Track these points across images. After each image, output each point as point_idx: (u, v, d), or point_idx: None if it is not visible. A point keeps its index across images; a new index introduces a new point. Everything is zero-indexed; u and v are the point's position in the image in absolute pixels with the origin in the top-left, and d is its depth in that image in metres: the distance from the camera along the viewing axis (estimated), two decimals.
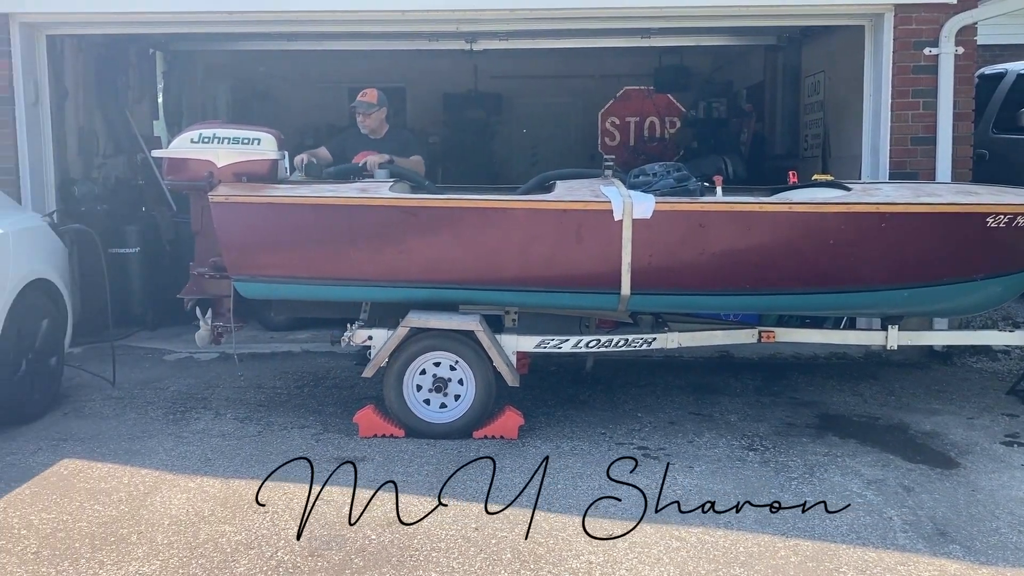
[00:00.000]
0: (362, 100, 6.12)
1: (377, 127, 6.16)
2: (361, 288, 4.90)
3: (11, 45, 6.49)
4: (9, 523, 3.70)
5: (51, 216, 5.95)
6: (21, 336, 4.94)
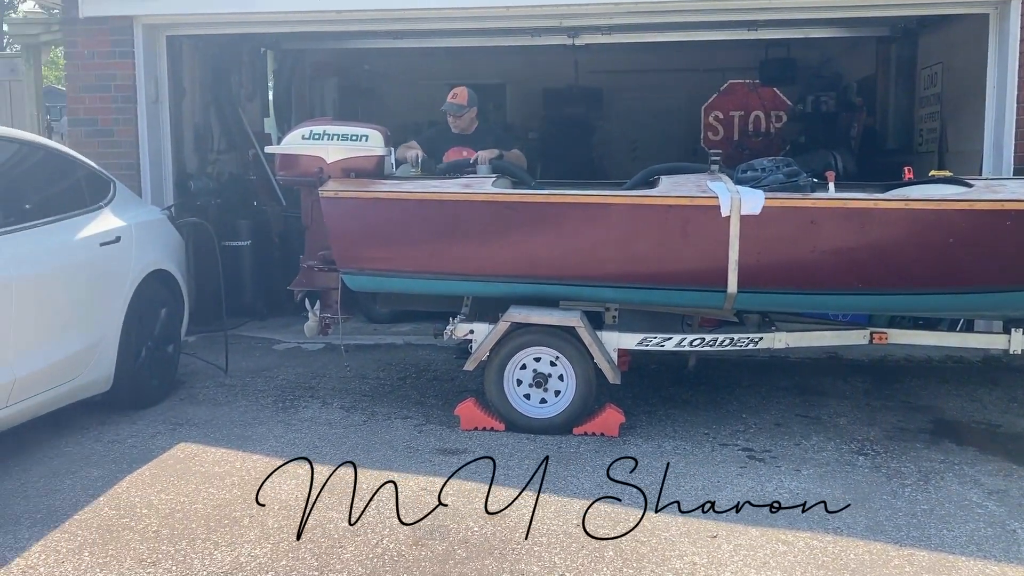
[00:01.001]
0: (452, 102, 6.14)
1: (467, 125, 6.19)
2: (463, 282, 4.95)
3: (134, 46, 6.82)
4: (132, 502, 3.88)
5: (170, 210, 6.22)
6: (142, 324, 5.17)
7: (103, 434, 4.74)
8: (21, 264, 4.23)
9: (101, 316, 4.83)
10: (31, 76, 8.19)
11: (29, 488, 4.00)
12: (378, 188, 4.97)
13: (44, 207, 4.65)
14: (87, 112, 6.91)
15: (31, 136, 5.13)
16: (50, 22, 7.85)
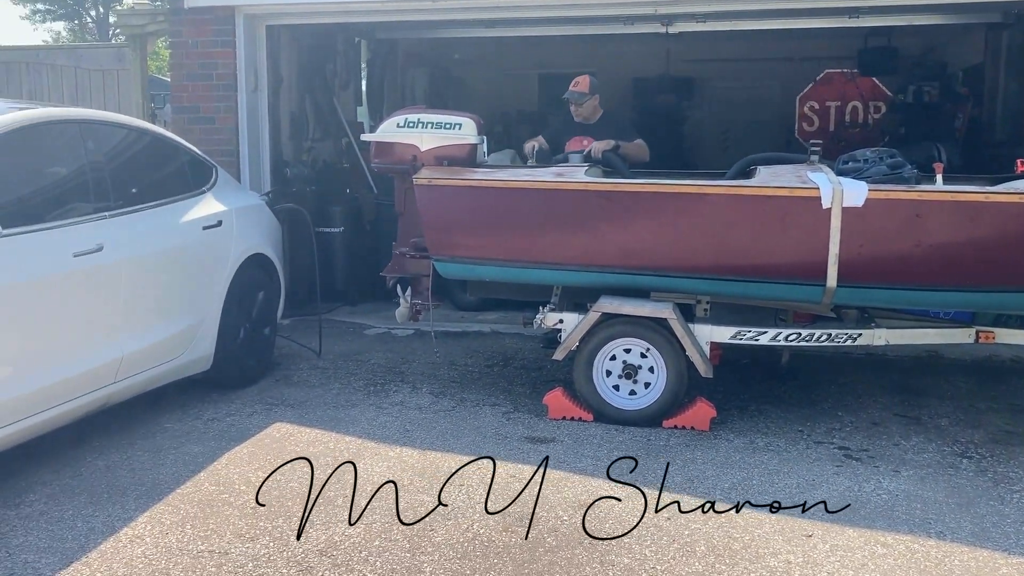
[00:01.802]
0: (574, 90, 6.10)
1: (590, 114, 6.14)
2: (553, 271, 4.94)
3: (235, 36, 7.00)
4: (231, 478, 4.00)
5: (268, 196, 6.37)
6: (241, 306, 5.32)
7: (203, 412, 4.90)
8: (130, 246, 4.40)
9: (203, 298, 4.99)
10: (137, 65, 8.50)
11: (135, 462, 4.17)
12: (470, 176, 5.00)
13: (151, 191, 4.81)
14: (190, 100, 7.14)
15: (140, 122, 5.32)
16: (155, 13, 8.15)
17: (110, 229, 4.30)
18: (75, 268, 4.02)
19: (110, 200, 4.40)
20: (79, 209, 4.24)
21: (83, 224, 4.18)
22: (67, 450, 4.23)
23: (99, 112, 4.97)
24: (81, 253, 4.06)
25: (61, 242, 4.00)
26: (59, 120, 4.40)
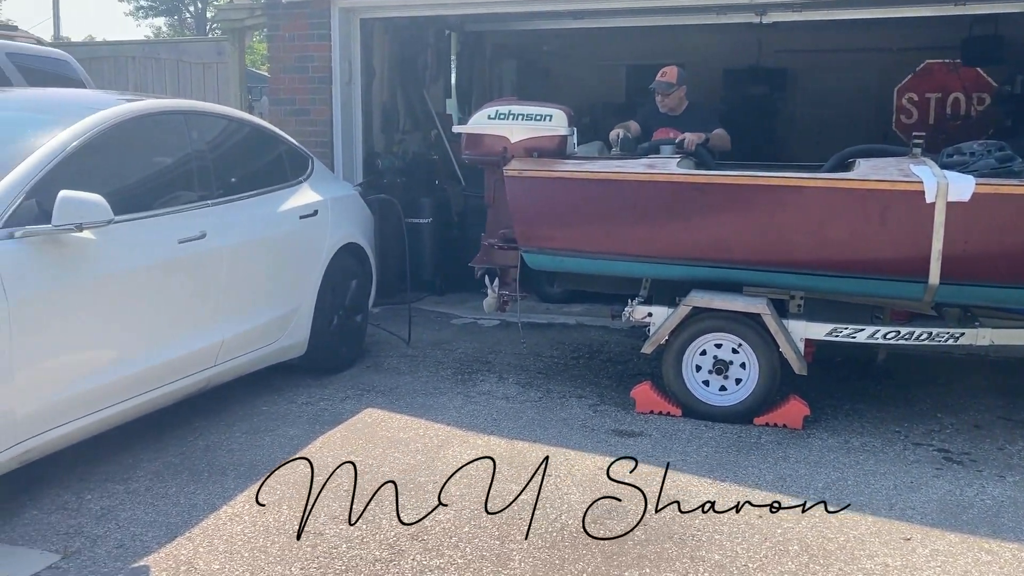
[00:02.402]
0: (661, 80, 6.05)
1: (676, 105, 6.08)
2: (643, 264, 4.90)
3: (331, 29, 7.15)
4: (325, 461, 4.10)
5: (361, 186, 6.49)
6: (334, 293, 5.44)
7: (297, 396, 5.03)
8: (231, 234, 4.53)
9: (299, 285, 5.12)
10: (235, 58, 8.76)
11: (233, 442, 4.31)
12: (560, 167, 5.00)
13: (251, 181, 4.95)
14: (286, 92, 7.32)
15: (240, 113, 5.48)
16: (253, 7, 8.37)
17: (212, 217, 4.44)
18: (180, 254, 4.17)
19: (212, 189, 4.55)
20: (183, 197, 4.40)
21: (187, 212, 4.33)
22: (171, 430, 4.39)
23: (203, 103, 5.14)
24: (186, 240, 4.21)
25: (167, 229, 4.15)
26: (166, 111, 4.56)
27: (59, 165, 3.68)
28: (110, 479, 3.81)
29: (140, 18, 39.11)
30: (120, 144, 4.14)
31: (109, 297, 3.75)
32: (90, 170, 3.85)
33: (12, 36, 7.81)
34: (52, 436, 3.50)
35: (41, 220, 3.45)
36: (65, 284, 3.53)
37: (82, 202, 3.49)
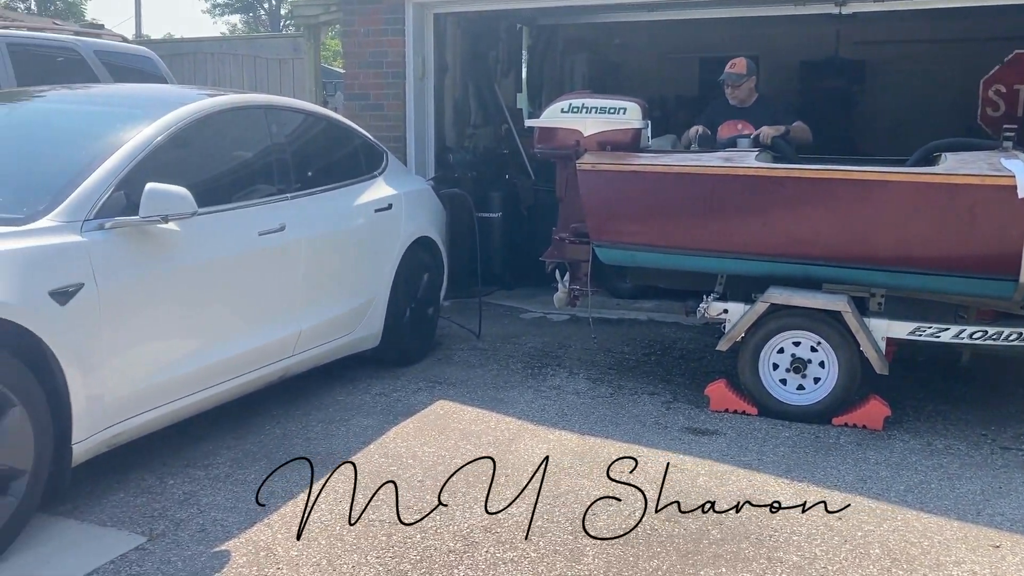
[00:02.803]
0: (731, 71, 5.95)
1: (746, 96, 5.97)
2: (719, 259, 4.83)
3: (405, 24, 7.20)
4: (398, 452, 4.14)
5: (433, 180, 6.54)
6: (407, 287, 5.48)
7: (371, 387, 5.09)
8: (309, 226, 4.60)
9: (373, 277, 5.18)
10: (311, 54, 8.90)
11: (310, 431, 4.38)
12: (634, 161, 4.95)
13: (328, 174, 5.03)
14: (361, 87, 7.41)
15: (318, 108, 5.56)
16: (328, 3, 8.47)
17: (291, 210, 4.52)
18: (260, 246, 4.25)
19: (291, 182, 4.63)
20: (263, 190, 4.48)
21: (267, 204, 4.41)
22: (249, 418, 4.49)
23: (282, 98, 5.23)
24: (266, 232, 4.28)
25: (248, 221, 4.23)
26: (247, 106, 4.65)
27: (146, 158, 3.78)
28: (191, 465, 3.91)
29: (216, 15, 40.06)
30: (203, 138, 4.24)
31: (192, 287, 3.85)
32: (174, 163, 3.95)
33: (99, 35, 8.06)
34: (138, 422, 3.60)
35: (129, 212, 3.55)
36: (151, 274, 3.62)
37: (168, 194, 3.58)
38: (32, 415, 3.05)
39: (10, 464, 3.00)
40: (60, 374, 3.17)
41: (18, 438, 3.01)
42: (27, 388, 3.04)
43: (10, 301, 2.98)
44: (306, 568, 3.07)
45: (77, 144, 3.89)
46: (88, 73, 6.94)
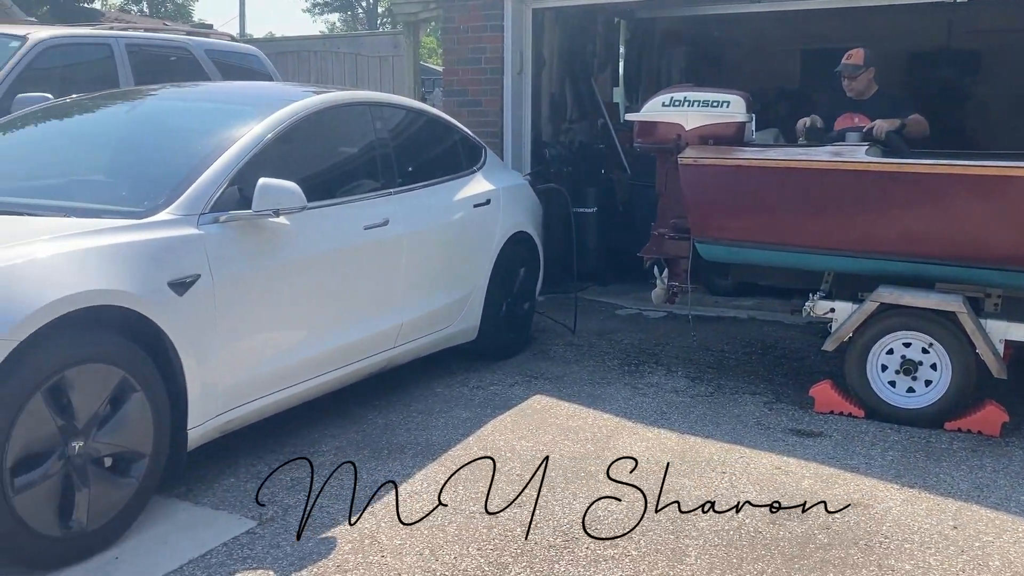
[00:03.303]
0: (847, 63, 5.75)
1: (864, 89, 5.77)
2: (826, 257, 4.69)
3: (504, 20, 7.23)
4: (496, 444, 4.16)
5: (530, 176, 6.55)
6: (504, 281, 5.51)
7: (468, 380, 5.13)
8: (411, 221, 4.66)
9: (472, 272, 5.22)
10: (410, 51, 9.03)
11: (410, 422, 4.45)
12: (738, 155, 4.85)
13: (429, 170, 5.08)
14: (459, 83, 7.47)
15: (420, 104, 5.64)
16: (428, 0, 8.58)
17: (394, 205, 4.59)
18: (365, 240, 4.33)
19: (394, 177, 4.70)
20: (368, 185, 4.57)
21: (372, 199, 4.49)
22: (351, 408, 4.58)
23: (385, 95, 5.32)
24: (370, 226, 4.36)
25: (354, 216, 4.32)
26: (352, 103, 4.75)
27: (258, 154, 3.89)
28: (298, 452, 4.01)
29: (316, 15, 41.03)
30: (311, 134, 4.34)
31: (301, 280, 3.94)
32: (284, 158, 4.06)
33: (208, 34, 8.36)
34: (248, 409, 3.72)
35: (242, 206, 3.66)
36: (262, 266, 3.73)
37: (279, 189, 3.67)
38: (152, 401, 3.18)
39: (132, 447, 3.14)
40: (177, 362, 3.29)
41: (139, 423, 3.15)
42: (147, 375, 3.17)
43: (133, 291, 3.11)
44: (409, 557, 3.12)
45: (193, 140, 4.04)
46: (199, 71, 7.20)
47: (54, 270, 2.94)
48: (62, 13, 21.62)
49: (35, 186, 3.95)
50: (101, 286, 3.02)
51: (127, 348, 3.11)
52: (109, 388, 3.04)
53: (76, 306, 2.91)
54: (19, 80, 5.92)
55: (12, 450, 2.75)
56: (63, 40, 6.42)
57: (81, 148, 4.31)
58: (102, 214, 3.41)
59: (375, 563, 3.07)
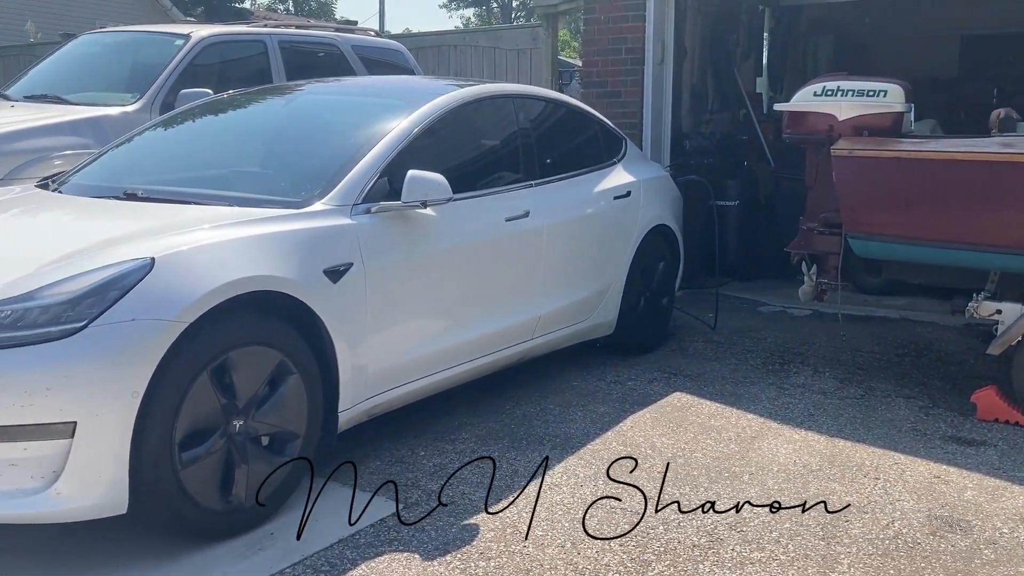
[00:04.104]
0: None
1: None
2: (992, 255, 4.40)
3: (646, 10, 7.12)
4: (636, 441, 4.11)
5: (670, 168, 6.43)
6: (643, 275, 5.43)
7: (605, 374, 5.09)
8: (550, 213, 4.65)
9: (610, 265, 5.17)
10: (548, 43, 9.02)
11: (547, 415, 4.45)
12: (897, 147, 4.61)
13: (570, 161, 5.06)
14: (599, 75, 7.41)
15: (562, 96, 5.61)
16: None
17: (535, 196, 4.59)
18: (506, 232, 4.35)
19: (535, 169, 4.70)
20: (509, 177, 4.58)
21: (513, 191, 4.51)
22: (489, 398, 4.62)
23: (527, 87, 5.33)
24: (512, 218, 4.38)
25: (496, 207, 4.35)
26: (495, 95, 4.78)
27: (406, 147, 3.97)
28: (440, 439, 4.08)
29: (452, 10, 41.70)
30: (456, 127, 4.40)
31: (446, 269, 4.00)
32: (431, 151, 4.12)
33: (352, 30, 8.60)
34: (395, 394, 3.81)
35: (391, 197, 3.74)
36: (409, 256, 3.80)
37: (427, 181, 3.73)
38: (307, 383, 3.29)
39: (287, 427, 3.26)
40: (330, 346, 3.40)
41: (294, 404, 3.26)
42: (303, 358, 3.29)
43: (291, 277, 3.23)
44: (551, 549, 3.11)
45: (345, 133, 4.16)
46: (346, 67, 7.43)
47: (219, 257, 3.08)
48: (216, 13, 22.79)
49: (198, 176, 4.15)
50: (263, 272, 3.14)
51: (285, 332, 3.23)
52: (268, 370, 3.16)
53: (239, 291, 3.05)
54: (183, 76, 6.27)
55: (180, 426, 2.90)
56: (222, 38, 6.75)
57: (240, 141, 4.51)
58: (261, 204, 3.55)
59: (517, 552, 3.08)
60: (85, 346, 2.74)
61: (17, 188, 4.41)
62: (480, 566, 2.99)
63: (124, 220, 3.47)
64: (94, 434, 2.73)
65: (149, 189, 3.80)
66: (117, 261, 2.92)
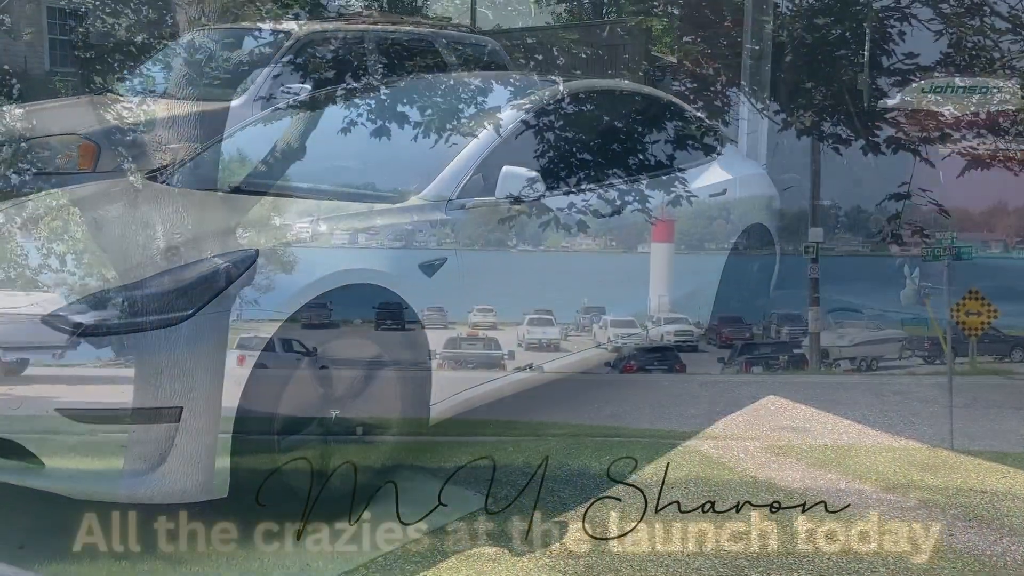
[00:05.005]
0: None
1: None
2: None
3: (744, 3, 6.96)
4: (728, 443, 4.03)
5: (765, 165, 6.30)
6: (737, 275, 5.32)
7: (694, 375, 5.02)
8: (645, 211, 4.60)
9: (704, 264, 5.09)
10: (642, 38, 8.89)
11: (638, 414, 4.40)
12: None
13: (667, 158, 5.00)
14: None
15: (658, 92, 5.56)
16: None
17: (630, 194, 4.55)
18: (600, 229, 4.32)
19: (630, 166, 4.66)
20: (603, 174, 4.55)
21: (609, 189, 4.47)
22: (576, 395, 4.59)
23: (622, 82, 5.30)
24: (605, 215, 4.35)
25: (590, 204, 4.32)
26: (590, 91, 4.77)
27: (501, 143, 3.99)
28: (527, 436, 4.08)
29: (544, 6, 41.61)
30: (550, 123, 4.40)
31: (536, 265, 4.01)
32: (524, 147, 4.14)
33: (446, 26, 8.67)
34: (484, 389, 3.83)
35: (486, 192, 3.77)
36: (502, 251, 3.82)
37: (521, 177, 3.74)
38: (401, 375, 3.34)
39: (382, 418, 3.31)
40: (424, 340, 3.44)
41: (389, 395, 3.32)
42: (397, 351, 3.34)
43: (389, 271, 3.29)
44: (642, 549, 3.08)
45: (441, 130, 4.20)
46: (441, 62, 7.48)
47: (321, 250, 3.16)
48: (313, 9, 23.23)
49: (298, 171, 4.26)
50: (360, 266, 3.21)
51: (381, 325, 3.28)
52: (364, 362, 3.22)
53: (337, 284, 3.11)
54: (284, 71, 6.42)
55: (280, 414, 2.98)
56: (321, 35, 6.88)
57: (339, 136, 4.60)
58: (359, 198, 3.62)
59: (605, 551, 3.06)
60: (192, 334, 2.84)
61: (127, 179, 4.60)
62: None
63: (229, 212, 3.58)
64: (199, 419, 2.83)
65: (252, 182, 3.91)
66: (223, 252, 3.02)
